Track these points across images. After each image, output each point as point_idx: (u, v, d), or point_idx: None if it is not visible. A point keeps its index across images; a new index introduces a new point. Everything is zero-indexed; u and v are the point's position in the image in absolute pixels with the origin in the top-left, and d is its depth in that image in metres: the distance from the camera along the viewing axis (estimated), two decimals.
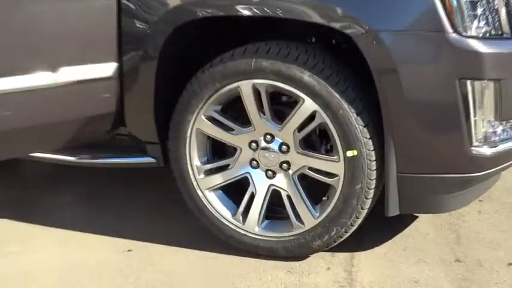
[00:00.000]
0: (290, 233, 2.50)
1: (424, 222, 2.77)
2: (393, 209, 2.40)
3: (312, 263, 2.51)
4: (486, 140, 2.30)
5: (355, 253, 2.55)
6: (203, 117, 2.50)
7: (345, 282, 2.36)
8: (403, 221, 2.76)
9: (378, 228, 2.67)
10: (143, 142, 2.72)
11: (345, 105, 2.28)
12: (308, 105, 2.33)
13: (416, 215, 2.81)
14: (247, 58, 2.37)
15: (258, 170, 2.53)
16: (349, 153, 2.33)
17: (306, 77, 2.30)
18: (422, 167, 2.33)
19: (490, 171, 2.39)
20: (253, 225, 2.55)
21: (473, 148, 2.27)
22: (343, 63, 2.38)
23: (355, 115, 2.29)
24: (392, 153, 2.30)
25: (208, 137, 2.56)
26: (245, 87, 2.39)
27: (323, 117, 2.32)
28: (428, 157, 2.30)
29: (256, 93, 2.40)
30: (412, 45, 2.20)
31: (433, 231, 2.70)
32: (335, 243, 2.48)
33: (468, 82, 2.19)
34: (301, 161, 2.44)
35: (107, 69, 2.53)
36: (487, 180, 2.52)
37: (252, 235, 2.56)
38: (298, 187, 2.48)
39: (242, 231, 2.56)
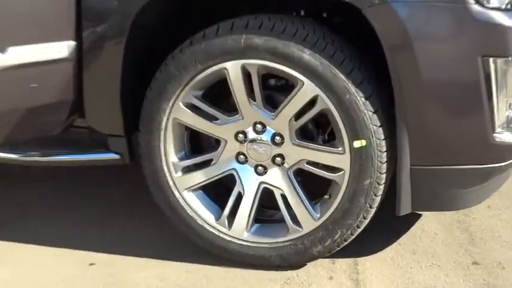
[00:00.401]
0: (285, 238, 2.23)
1: (430, 221, 2.54)
2: (405, 207, 2.16)
3: (311, 272, 2.25)
4: (509, 126, 2.11)
5: (358, 259, 2.31)
6: (181, 104, 2.20)
7: None
8: (406, 220, 2.52)
9: (380, 229, 2.41)
10: (105, 135, 2.40)
11: (352, 88, 2.04)
12: (308, 88, 2.07)
13: (420, 213, 2.63)
14: (236, 34, 2.09)
15: (245, 165, 2.25)
16: (357, 144, 2.09)
17: (307, 55, 2.03)
18: (439, 158, 2.10)
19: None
20: (241, 230, 2.27)
21: (495, 135, 2.07)
22: (346, 40, 2.16)
23: (363, 99, 2.04)
24: (406, 143, 2.07)
25: (186, 129, 2.27)
26: (233, 68, 2.11)
27: (326, 102, 2.07)
28: (445, 146, 2.07)
29: (246, 75, 2.12)
30: (429, 18, 1.98)
31: (441, 231, 2.48)
32: (338, 248, 2.23)
33: (491, 60, 1.99)
34: (298, 153, 2.18)
35: (62, 49, 2.20)
36: (505, 173, 2.39)
37: (239, 242, 2.27)
38: (295, 184, 2.21)
39: (228, 238, 2.27)
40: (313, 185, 2.26)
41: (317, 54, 2.04)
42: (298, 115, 2.15)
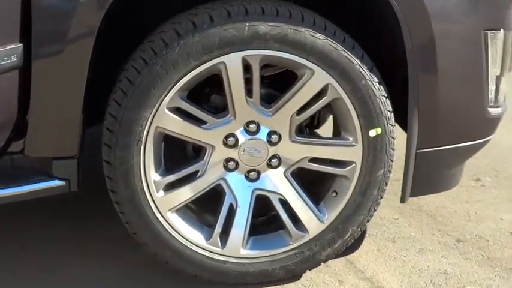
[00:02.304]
0: (289, 247, 2.15)
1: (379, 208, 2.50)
2: (409, 193, 2.27)
3: (316, 280, 2.20)
4: (495, 99, 2.31)
5: (348, 257, 2.32)
6: (166, 110, 1.98)
7: None
8: None
9: None
10: (47, 159, 2.05)
11: (367, 74, 2.03)
12: (319, 78, 2.00)
13: None
14: (237, 22, 1.96)
15: (235, 172, 2.10)
16: (372, 133, 2.08)
17: (320, 41, 1.98)
18: (442, 139, 2.21)
19: (492, 135, 2.43)
20: (237, 247, 2.13)
21: (489, 109, 2.28)
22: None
23: (377, 84, 2.05)
24: (416, 126, 2.16)
25: (164, 139, 2.08)
26: (232, 62, 1.94)
27: (337, 91, 2.02)
28: (450, 125, 2.17)
29: (244, 69, 1.99)
30: None
31: (399, 216, 2.63)
32: (344, 249, 2.26)
33: (489, 33, 2.19)
34: (299, 152, 2.10)
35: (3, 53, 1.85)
36: None
37: (236, 260, 2.13)
38: (295, 186, 2.13)
39: (223, 258, 2.12)
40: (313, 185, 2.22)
41: (330, 39, 2.00)
42: (301, 109, 2.07)
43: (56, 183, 2.09)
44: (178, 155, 2.17)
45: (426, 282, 2.21)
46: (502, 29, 2.20)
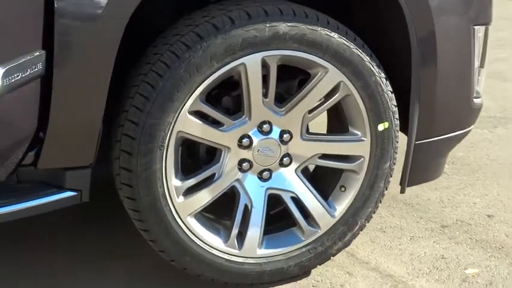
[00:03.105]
0: (302, 244, 2.21)
1: None
2: (407, 183, 2.40)
3: (326, 275, 2.27)
4: (477, 90, 2.49)
5: (347, 250, 2.35)
6: (187, 114, 1.99)
7: (399, 280, 2.24)
8: None
9: None
10: (60, 170, 2.00)
11: (376, 70, 2.12)
12: (332, 76, 2.07)
13: None
14: (258, 23, 1.98)
15: (248, 173, 2.13)
16: (381, 127, 2.18)
17: (335, 40, 2.05)
18: (438, 129, 2.34)
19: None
20: (253, 247, 2.16)
21: (474, 99, 2.44)
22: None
23: (384, 80, 2.15)
24: (416, 119, 2.27)
25: (182, 143, 2.08)
26: (252, 63, 1.97)
27: (349, 88, 2.10)
28: (445, 116, 2.32)
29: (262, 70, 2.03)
30: None
31: (380, 208, 2.67)
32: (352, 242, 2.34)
33: (476, 28, 2.35)
34: (310, 149, 2.17)
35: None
36: None
37: (254, 261, 2.17)
38: (306, 183, 2.19)
39: (241, 260, 2.15)
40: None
41: (344, 38, 2.08)
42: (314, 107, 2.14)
43: (68, 194, 2.05)
44: (194, 159, 2.20)
45: (429, 268, 2.35)
46: (486, 24, 2.42)
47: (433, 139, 2.35)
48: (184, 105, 1.96)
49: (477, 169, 3.11)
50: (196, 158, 2.19)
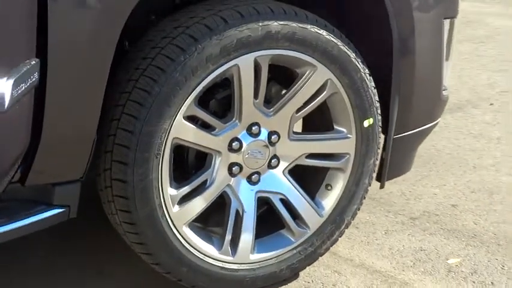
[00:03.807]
0: (293, 246, 2.19)
1: None
2: (385, 178, 2.42)
3: (315, 275, 2.26)
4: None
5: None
6: (182, 119, 1.93)
7: (387, 275, 2.27)
8: None
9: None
10: (48, 186, 1.87)
11: (361, 67, 2.14)
12: (320, 74, 2.07)
13: None
14: (251, 22, 1.93)
15: (237, 177, 2.09)
16: (366, 123, 2.19)
17: (324, 37, 2.05)
18: (414, 122, 2.38)
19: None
20: (246, 253, 2.13)
21: (443, 91, 2.51)
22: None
23: (368, 76, 2.17)
24: (395, 113, 2.30)
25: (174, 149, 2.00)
26: (245, 64, 1.93)
27: (336, 86, 2.10)
28: (419, 109, 2.36)
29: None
30: None
31: None
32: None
33: (445, 21, 2.40)
34: (298, 149, 2.16)
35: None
36: None
37: (247, 266, 2.13)
38: (294, 184, 2.18)
39: (236, 266, 2.11)
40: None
41: (332, 35, 2.07)
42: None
43: (57, 211, 1.96)
44: (182, 166, 2.12)
45: (412, 260, 2.38)
46: (453, 17, 2.50)
47: (409, 133, 2.42)
48: (179, 110, 1.92)
49: (428, 160, 3.18)
50: (185, 165, 2.16)
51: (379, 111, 2.24)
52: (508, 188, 2.89)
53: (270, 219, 2.25)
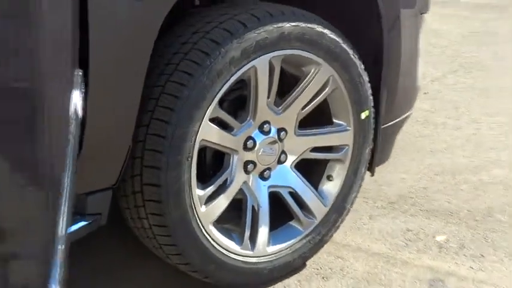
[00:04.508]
0: (302, 235, 2.31)
1: None
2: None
3: (321, 262, 2.37)
4: None
5: None
6: (208, 121, 1.98)
7: (386, 256, 2.40)
8: None
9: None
10: (82, 196, 1.88)
11: (358, 62, 2.26)
12: (324, 71, 2.18)
13: None
14: (267, 25, 2.00)
15: (251, 174, 2.18)
16: (363, 115, 2.32)
17: (328, 36, 2.15)
18: (396, 112, 2.54)
19: None
20: (264, 246, 2.22)
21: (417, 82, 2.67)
22: None
23: (363, 71, 2.30)
24: (384, 104, 2.44)
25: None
26: (261, 65, 2.02)
27: (337, 82, 2.23)
28: (401, 99, 2.53)
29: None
30: None
31: None
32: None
33: (420, 16, 2.56)
34: (304, 144, 2.27)
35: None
36: None
37: (265, 259, 2.22)
38: (301, 177, 2.29)
39: (255, 260, 2.20)
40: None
41: (334, 34, 2.17)
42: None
43: (89, 220, 1.96)
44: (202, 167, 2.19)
45: (403, 241, 2.55)
46: (425, 12, 2.67)
47: (392, 122, 2.59)
48: (206, 112, 1.99)
49: None
50: (204, 166, 2.22)
51: (372, 103, 2.40)
52: (467, 168, 3.12)
53: (276, 213, 2.39)
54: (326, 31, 2.16)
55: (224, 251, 2.14)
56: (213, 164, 2.20)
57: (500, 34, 5.62)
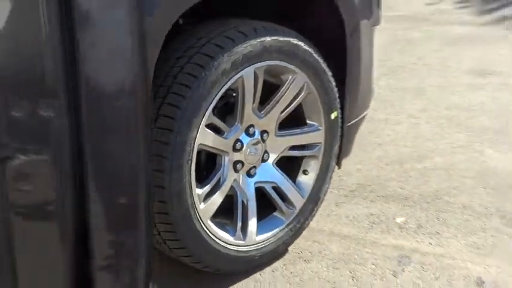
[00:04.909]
0: (285, 224, 2.29)
1: None
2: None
3: (301, 246, 2.36)
4: None
5: None
6: (204, 127, 1.93)
7: (357, 237, 2.40)
8: None
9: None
10: None
11: (327, 69, 2.25)
12: (300, 78, 2.17)
13: None
14: (251, 39, 1.96)
15: (240, 173, 2.15)
16: (333, 116, 2.31)
17: (303, 47, 2.12)
18: (357, 111, 2.54)
19: None
20: (253, 236, 2.20)
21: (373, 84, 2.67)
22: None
23: (331, 77, 2.29)
24: (348, 104, 2.43)
25: None
26: (248, 75, 1.99)
27: (311, 87, 2.21)
28: (361, 99, 2.52)
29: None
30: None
31: None
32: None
33: (373, 28, 2.56)
34: (282, 143, 2.25)
35: None
36: None
37: (255, 247, 2.20)
38: (281, 173, 2.27)
39: (247, 248, 2.17)
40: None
41: (306, 45, 2.15)
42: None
43: None
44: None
45: (369, 224, 2.55)
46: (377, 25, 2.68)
47: (354, 121, 2.59)
48: (202, 120, 1.95)
49: None
50: (199, 167, 2.17)
51: (339, 105, 2.40)
52: (411, 158, 3.14)
53: (261, 205, 2.36)
54: (300, 43, 2.16)
55: (221, 242, 2.11)
56: (206, 165, 2.19)
57: (418, 40, 5.72)
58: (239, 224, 2.19)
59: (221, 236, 2.11)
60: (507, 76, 4.54)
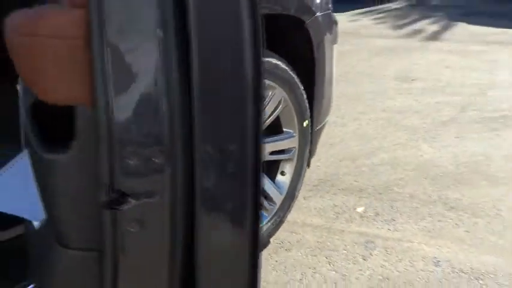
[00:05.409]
0: (268, 219, 2.25)
1: None
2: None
3: (280, 237, 2.32)
4: None
5: None
6: None
7: (326, 227, 2.37)
8: None
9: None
10: None
11: (299, 84, 2.20)
12: (278, 94, 2.13)
13: None
14: None
15: None
16: (305, 124, 2.28)
17: (281, 65, 2.07)
18: (321, 118, 2.50)
19: None
20: None
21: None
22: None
23: (303, 91, 2.24)
24: (315, 112, 2.39)
25: None
26: None
27: (287, 101, 2.17)
28: (325, 108, 2.50)
29: None
30: (325, 21, 2.35)
31: None
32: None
33: (334, 47, 2.52)
34: (265, 149, 2.17)
35: None
36: None
37: None
38: (263, 174, 2.19)
39: None
40: None
41: (285, 64, 2.09)
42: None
43: None
44: None
45: (334, 214, 2.54)
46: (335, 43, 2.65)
47: (319, 126, 2.56)
48: None
49: None
50: None
51: (309, 114, 2.37)
52: (361, 155, 3.15)
53: None
54: (279, 62, 2.12)
55: None
56: None
57: (349, 52, 5.77)
58: None
59: None
60: (427, 81, 4.64)
